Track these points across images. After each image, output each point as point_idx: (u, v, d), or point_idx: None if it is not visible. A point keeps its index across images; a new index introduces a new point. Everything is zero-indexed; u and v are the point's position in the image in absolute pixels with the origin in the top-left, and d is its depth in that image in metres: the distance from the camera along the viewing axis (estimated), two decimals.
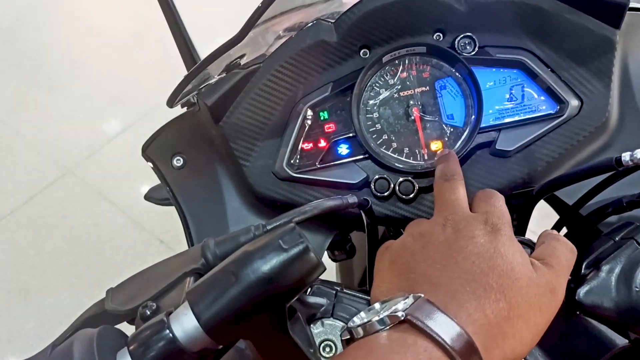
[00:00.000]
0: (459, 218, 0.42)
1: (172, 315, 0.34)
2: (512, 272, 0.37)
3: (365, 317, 0.37)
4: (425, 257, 0.40)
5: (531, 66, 0.54)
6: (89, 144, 2.15)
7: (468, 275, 0.37)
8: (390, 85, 0.56)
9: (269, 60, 0.55)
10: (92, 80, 2.32)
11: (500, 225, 0.40)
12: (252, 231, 0.39)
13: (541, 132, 0.54)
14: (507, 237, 0.39)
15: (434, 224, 0.42)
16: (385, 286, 0.41)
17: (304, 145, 0.56)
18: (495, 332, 0.35)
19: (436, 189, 0.48)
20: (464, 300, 0.36)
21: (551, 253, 0.40)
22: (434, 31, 0.55)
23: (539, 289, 0.37)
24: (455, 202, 0.44)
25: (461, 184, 0.47)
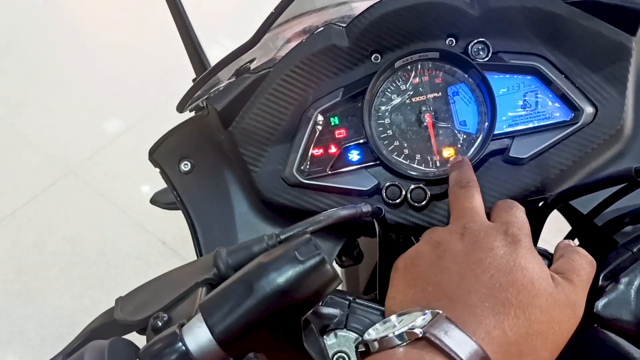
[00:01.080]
0: (477, 227, 0.41)
1: (185, 327, 0.33)
2: (532, 287, 0.36)
3: (381, 330, 0.36)
4: (442, 268, 0.39)
5: (545, 72, 0.53)
6: (91, 145, 2.14)
7: (487, 290, 0.36)
8: (402, 91, 0.55)
9: (279, 65, 0.54)
10: (94, 80, 2.31)
11: (520, 236, 0.39)
12: (265, 241, 0.39)
13: (555, 140, 0.53)
14: (528, 249, 0.39)
15: (451, 233, 0.42)
16: (400, 297, 0.40)
17: (314, 151, 0.55)
18: (513, 351, 0.34)
19: (452, 196, 0.47)
20: (482, 316, 0.35)
21: (571, 267, 0.39)
22: (446, 36, 0.55)
23: (559, 305, 0.37)
24: (472, 210, 0.44)
25: (477, 191, 0.46)
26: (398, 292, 0.41)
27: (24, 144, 2.15)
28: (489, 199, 0.53)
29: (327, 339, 0.41)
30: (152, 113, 2.21)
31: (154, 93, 2.26)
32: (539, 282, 0.37)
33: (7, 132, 2.18)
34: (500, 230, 0.40)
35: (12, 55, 2.41)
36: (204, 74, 0.52)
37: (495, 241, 0.39)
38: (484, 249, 0.39)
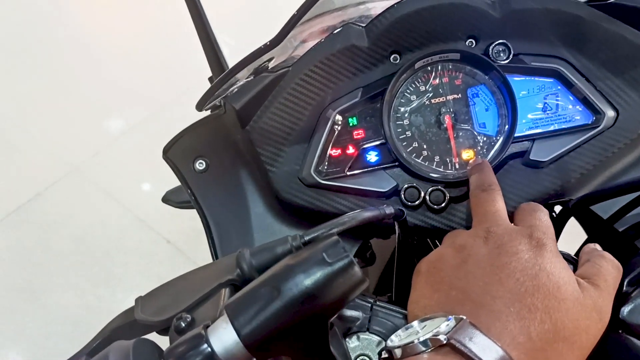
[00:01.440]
0: (501, 231, 0.40)
1: (210, 328, 0.33)
2: (558, 291, 0.36)
3: (404, 337, 0.36)
4: (466, 273, 0.39)
5: (567, 75, 0.53)
6: (95, 143, 2.14)
7: (512, 295, 0.36)
8: (422, 92, 0.55)
9: (298, 64, 0.54)
10: (99, 78, 2.31)
11: (545, 240, 0.39)
12: (289, 242, 0.38)
13: (576, 143, 0.53)
14: (553, 254, 0.38)
15: (474, 237, 0.41)
16: (423, 302, 0.40)
17: (332, 151, 0.55)
18: (539, 356, 0.34)
19: (473, 200, 0.46)
20: (507, 321, 0.35)
21: (597, 272, 0.39)
22: (466, 37, 0.54)
23: (586, 311, 0.36)
24: (495, 213, 0.43)
25: (499, 194, 0.46)
26: (421, 297, 0.40)
27: (28, 141, 2.14)
28: (509, 202, 0.53)
29: (350, 341, 0.41)
30: (157, 111, 2.21)
31: (158, 91, 2.25)
32: (565, 286, 0.36)
33: (12, 129, 2.18)
34: (524, 233, 0.40)
35: (17, 53, 2.40)
36: (226, 72, 0.51)
37: (519, 245, 0.39)
38: (508, 253, 0.38)
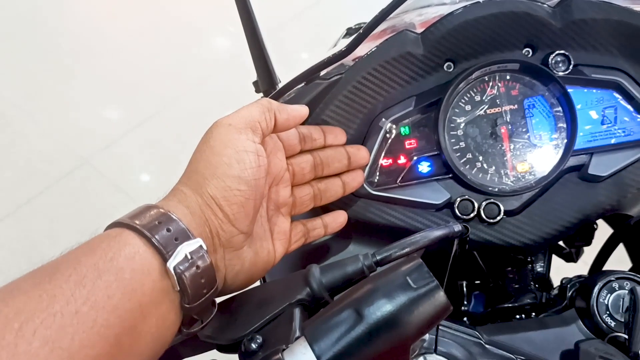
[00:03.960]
0: None
1: (287, 352, 0.32)
2: None
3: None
4: None
5: (627, 88, 0.52)
6: (106, 135, 2.12)
7: None
8: (477, 102, 0.53)
9: (352, 71, 0.52)
10: (111, 69, 2.29)
11: None
12: (360, 261, 0.37)
13: (636, 158, 0.51)
14: None
15: None
16: None
17: (383, 161, 0.54)
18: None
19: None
20: None
21: None
22: (523, 46, 0.53)
23: None
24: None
25: None
26: None
27: (38, 132, 2.12)
28: (563, 217, 0.52)
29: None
30: (170, 105, 2.19)
31: (171, 84, 2.23)
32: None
33: (22, 120, 2.16)
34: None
35: (28, 42, 2.38)
36: (291, 81, 0.50)
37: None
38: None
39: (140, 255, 0.34)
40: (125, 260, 0.33)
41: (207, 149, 0.40)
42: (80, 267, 0.31)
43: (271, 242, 0.46)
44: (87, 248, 0.33)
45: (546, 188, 0.52)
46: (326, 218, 0.51)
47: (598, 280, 0.43)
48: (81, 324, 0.29)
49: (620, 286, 0.42)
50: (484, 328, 0.44)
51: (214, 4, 2.38)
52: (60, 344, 0.28)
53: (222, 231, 0.39)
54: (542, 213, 0.52)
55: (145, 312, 0.33)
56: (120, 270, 0.32)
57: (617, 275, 0.43)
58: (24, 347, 0.27)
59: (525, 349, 0.43)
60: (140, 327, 0.33)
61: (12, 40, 2.36)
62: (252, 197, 0.40)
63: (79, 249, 0.34)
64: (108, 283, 0.31)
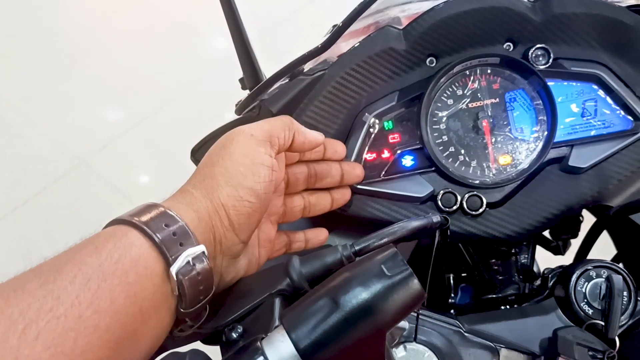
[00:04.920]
0: None
1: (266, 340, 0.32)
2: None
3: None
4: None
5: (607, 81, 0.52)
6: (104, 135, 2.12)
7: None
8: (459, 97, 0.54)
9: (335, 67, 0.53)
10: (107, 69, 2.29)
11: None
12: (339, 251, 0.38)
13: (615, 150, 0.52)
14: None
15: None
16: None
17: (367, 155, 0.54)
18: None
19: None
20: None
21: None
22: (504, 41, 0.54)
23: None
24: None
25: None
26: None
27: (35, 133, 2.13)
28: (545, 208, 0.53)
29: (396, 352, 0.40)
30: (166, 104, 2.19)
31: (167, 84, 2.23)
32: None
33: (19, 121, 2.16)
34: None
35: (24, 42, 2.38)
36: (270, 77, 0.51)
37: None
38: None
39: (144, 258, 0.33)
40: (131, 263, 0.32)
41: (226, 155, 0.40)
42: (86, 268, 0.31)
43: (257, 248, 0.46)
44: (93, 247, 0.33)
45: (528, 180, 0.53)
46: (309, 233, 0.52)
47: (576, 269, 0.44)
48: (84, 329, 0.29)
49: (598, 274, 0.43)
50: (465, 318, 0.45)
51: (209, 3, 2.38)
52: (62, 348, 0.28)
53: (224, 239, 0.39)
54: (524, 205, 0.53)
55: (145, 317, 0.33)
56: (125, 273, 0.32)
57: (594, 264, 0.43)
58: (27, 351, 0.27)
59: (506, 337, 0.44)
60: (140, 330, 0.33)
61: (8, 41, 2.36)
62: (259, 210, 0.40)
63: (83, 248, 0.33)
64: (112, 286, 0.31)
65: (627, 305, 0.42)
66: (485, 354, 0.41)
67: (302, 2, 2.36)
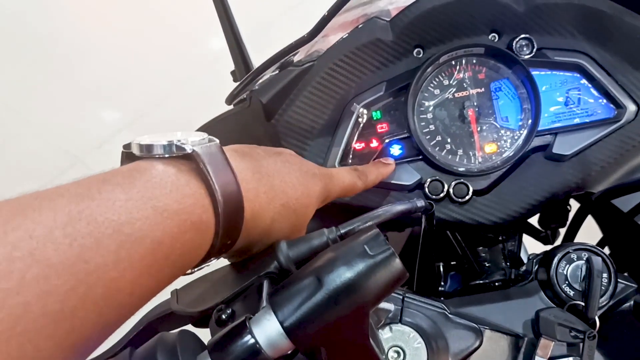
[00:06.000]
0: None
1: (253, 320, 0.33)
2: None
3: (151, 139, 0.34)
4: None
5: (589, 70, 0.54)
6: (100, 134, 2.13)
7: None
8: (445, 86, 0.55)
9: (324, 58, 0.54)
10: (103, 68, 2.30)
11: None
12: (325, 235, 0.39)
13: (598, 137, 0.53)
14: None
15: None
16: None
17: (356, 145, 0.55)
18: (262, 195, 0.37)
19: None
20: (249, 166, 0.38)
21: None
22: (489, 32, 0.55)
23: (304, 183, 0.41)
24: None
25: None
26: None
27: (31, 132, 2.13)
28: (530, 195, 0.54)
29: (382, 333, 0.41)
30: (162, 102, 2.20)
31: (163, 81, 2.24)
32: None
33: (14, 120, 2.17)
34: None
35: (18, 41, 2.39)
36: (258, 68, 0.51)
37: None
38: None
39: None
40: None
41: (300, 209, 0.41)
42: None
43: None
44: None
45: (513, 168, 0.54)
46: None
47: (557, 252, 0.45)
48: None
49: (578, 257, 0.44)
50: (450, 301, 0.46)
51: (202, 2, 2.38)
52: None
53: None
54: (510, 192, 0.54)
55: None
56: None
57: (575, 247, 0.45)
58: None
59: (490, 319, 0.45)
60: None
61: (2, 41, 2.37)
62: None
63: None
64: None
65: (607, 286, 0.43)
66: (469, 335, 0.42)
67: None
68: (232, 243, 0.36)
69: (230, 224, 0.34)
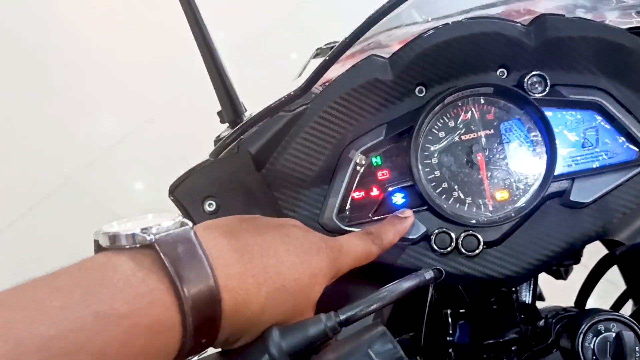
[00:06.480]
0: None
1: None
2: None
3: (121, 226, 0.31)
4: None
5: (608, 108, 0.49)
6: (90, 152, 2.08)
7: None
8: (451, 129, 0.50)
9: (317, 101, 0.49)
10: (92, 86, 2.25)
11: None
12: (322, 322, 0.34)
13: (619, 182, 0.49)
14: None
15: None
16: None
17: (354, 194, 0.51)
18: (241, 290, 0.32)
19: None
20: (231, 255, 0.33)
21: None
22: (497, 67, 0.50)
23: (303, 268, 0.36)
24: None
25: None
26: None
27: (19, 151, 2.08)
28: (546, 246, 0.49)
29: None
30: (151, 120, 2.15)
31: (152, 99, 2.20)
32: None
33: (2, 140, 2.12)
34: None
35: (6, 58, 2.33)
36: (248, 121, 0.47)
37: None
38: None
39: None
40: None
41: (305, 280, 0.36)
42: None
43: None
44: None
45: (527, 217, 0.49)
46: None
47: (583, 322, 0.40)
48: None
49: (607, 328, 0.40)
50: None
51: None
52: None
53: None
54: (524, 243, 0.49)
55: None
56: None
57: (603, 317, 0.40)
58: None
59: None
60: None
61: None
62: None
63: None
64: None
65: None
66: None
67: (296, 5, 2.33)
68: (211, 340, 0.31)
69: (203, 321, 0.29)
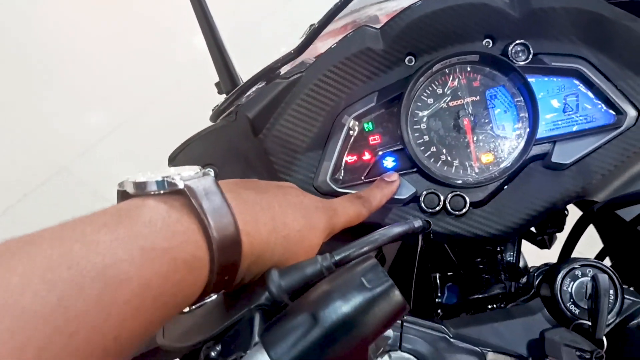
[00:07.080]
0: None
1: (245, 359, 0.31)
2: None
3: (145, 176, 0.33)
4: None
5: (588, 75, 0.52)
6: (83, 141, 2.09)
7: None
8: (439, 95, 0.53)
9: (312, 69, 0.52)
10: (85, 75, 2.25)
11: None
12: (319, 262, 0.36)
13: (598, 145, 0.51)
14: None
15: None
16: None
17: (347, 158, 0.53)
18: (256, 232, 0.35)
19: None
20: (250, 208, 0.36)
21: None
22: (483, 38, 0.53)
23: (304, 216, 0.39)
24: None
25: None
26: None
27: (13, 141, 2.09)
28: (530, 206, 0.52)
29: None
30: (145, 108, 2.16)
31: (146, 88, 2.20)
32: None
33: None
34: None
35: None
36: (245, 84, 0.49)
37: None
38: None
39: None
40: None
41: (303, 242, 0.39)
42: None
43: None
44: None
45: (511, 178, 0.52)
46: None
47: (561, 269, 0.43)
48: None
49: (583, 273, 0.43)
50: (451, 322, 0.44)
51: (186, 6, 2.35)
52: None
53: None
54: (508, 203, 0.52)
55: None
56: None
57: (579, 263, 0.43)
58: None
59: (492, 340, 0.43)
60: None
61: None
62: None
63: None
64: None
65: (613, 304, 0.42)
66: (472, 359, 0.41)
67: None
68: (232, 279, 0.34)
69: (226, 259, 0.32)
